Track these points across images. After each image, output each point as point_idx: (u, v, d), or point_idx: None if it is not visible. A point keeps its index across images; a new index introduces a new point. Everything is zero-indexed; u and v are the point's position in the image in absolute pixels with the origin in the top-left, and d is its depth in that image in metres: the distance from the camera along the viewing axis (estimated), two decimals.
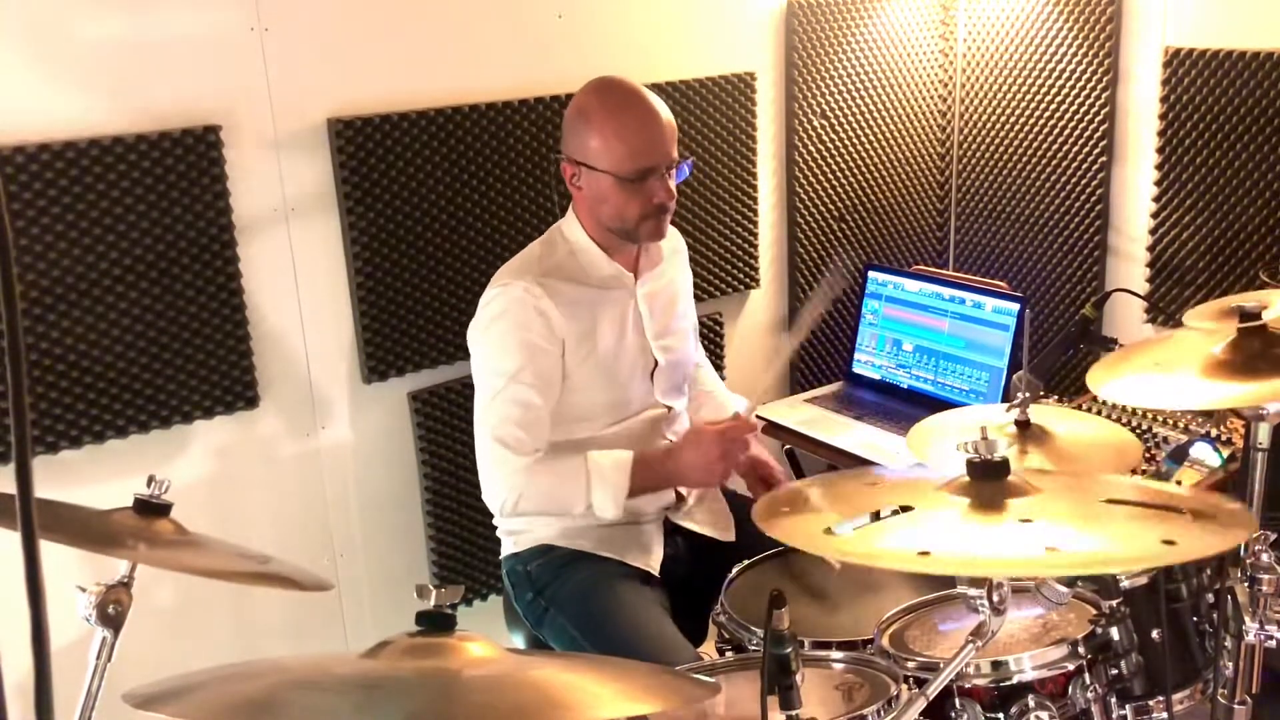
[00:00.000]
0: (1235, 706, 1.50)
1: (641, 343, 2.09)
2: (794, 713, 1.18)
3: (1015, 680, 1.42)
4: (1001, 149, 3.13)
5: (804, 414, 2.82)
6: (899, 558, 1.15)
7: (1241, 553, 1.46)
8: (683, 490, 2.14)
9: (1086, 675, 1.45)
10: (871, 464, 2.53)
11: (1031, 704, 1.41)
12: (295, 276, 2.29)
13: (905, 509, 1.21)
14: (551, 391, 1.97)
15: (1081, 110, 2.91)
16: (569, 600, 2.02)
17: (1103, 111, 2.85)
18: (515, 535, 2.13)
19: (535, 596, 2.07)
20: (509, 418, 1.94)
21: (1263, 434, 1.60)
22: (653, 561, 2.07)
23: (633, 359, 2.07)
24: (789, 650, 1.17)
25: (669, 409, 2.15)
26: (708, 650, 1.96)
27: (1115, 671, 1.49)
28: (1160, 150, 2.76)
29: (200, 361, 2.17)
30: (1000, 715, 1.42)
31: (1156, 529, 1.14)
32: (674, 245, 2.22)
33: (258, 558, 1.43)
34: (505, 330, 1.95)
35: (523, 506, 1.96)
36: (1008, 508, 1.19)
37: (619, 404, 2.07)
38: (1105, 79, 2.83)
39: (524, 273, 1.98)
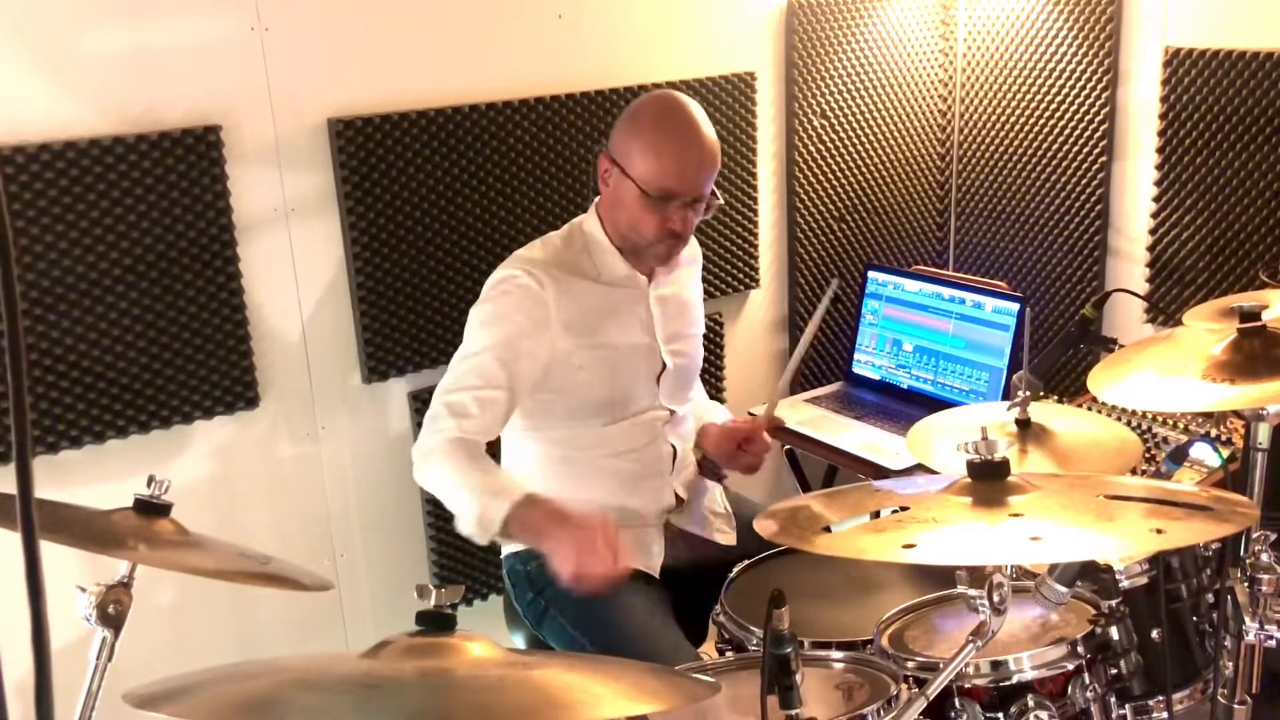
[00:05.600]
0: (1235, 706, 1.51)
1: (651, 345, 2.08)
2: (794, 713, 1.18)
3: (1015, 680, 1.42)
4: (1001, 149, 3.13)
5: (804, 414, 2.82)
6: (889, 549, 1.16)
7: (1241, 553, 1.47)
8: (682, 493, 2.14)
9: (1086, 675, 1.45)
10: (873, 466, 2.54)
11: (1031, 704, 1.41)
12: (295, 276, 2.29)
13: (904, 509, 1.21)
14: (519, 385, 1.91)
15: (1081, 110, 2.91)
16: (568, 600, 2.01)
17: (1103, 111, 2.85)
18: None
19: (535, 596, 2.07)
20: (466, 385, 1.88)
21: (1263, 434, 1.60)
22: (653, 563, 2.07)
23: (641, 360, 2.06)
24: (789, 650, 1.17)
25: (671, 412, 2.14)
26: (708, 650, 1.96)
27: (1115, 671, 1.50)
28: (1160, 150, 2.76)
29: (200, 361, 2.17)
30: (1000, 715, 1.42)
31: (1149, 519, 1.15)
32: (691, 254, 2.20)
33: (258, 558, 1.43)
34: (500, 308, 1.93)
35: (422, 472, 1.87)
36: (1006, 504, 1.19)
37: (621, 403, 2.06)
38: (1105, 79, 2.83)
39: (536, 261, 1.97)
